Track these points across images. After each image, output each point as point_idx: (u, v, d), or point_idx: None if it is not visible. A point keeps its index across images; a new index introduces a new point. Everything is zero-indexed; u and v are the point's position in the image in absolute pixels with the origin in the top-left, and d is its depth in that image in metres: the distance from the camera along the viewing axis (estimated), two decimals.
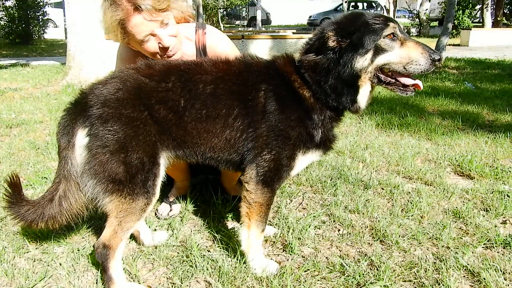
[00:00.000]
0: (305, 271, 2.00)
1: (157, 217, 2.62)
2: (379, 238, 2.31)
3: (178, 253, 2.18)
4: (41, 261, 2.10)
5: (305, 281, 1.93)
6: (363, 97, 1.84)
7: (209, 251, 2.20)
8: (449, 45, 14.94)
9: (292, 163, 1.89)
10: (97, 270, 2.00)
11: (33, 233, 2.30)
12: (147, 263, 2.12)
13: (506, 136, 4.10)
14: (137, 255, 2.16)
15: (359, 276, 1.95)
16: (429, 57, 1.71)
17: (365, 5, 28.38)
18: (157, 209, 2.67)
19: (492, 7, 22.85)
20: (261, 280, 1.93)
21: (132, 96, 1.76)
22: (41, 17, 18.72)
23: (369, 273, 1.98)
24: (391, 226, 2.42)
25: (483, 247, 2.22)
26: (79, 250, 2.19)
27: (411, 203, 2.72)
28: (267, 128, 1.82)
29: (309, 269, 2.02)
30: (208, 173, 2.95)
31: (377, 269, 2.01)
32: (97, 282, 1.93)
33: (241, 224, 2.02)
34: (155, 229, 2.45)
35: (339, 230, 2.43)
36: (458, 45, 17.15)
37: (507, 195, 2.82)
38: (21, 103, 5.90)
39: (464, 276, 1.98)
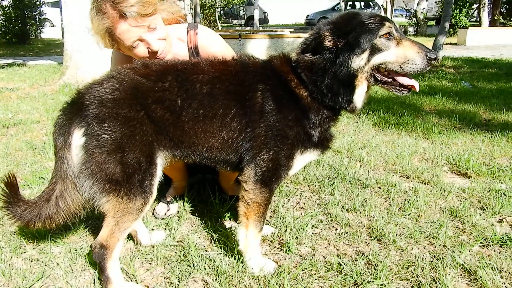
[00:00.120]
0: (302, 270, 2.01)
1: (154, 216, 2.62)
2: (376, 237, 2.32)
3: (175, 252, 2.18)
4: (38, 261, 2.10)
5: (303, 280, 1.93)
6: (359, 97, 1.85)
7: (206, 251, 2.20)
8: (446, 44, 14.97)
9: (290, 162, 1.90)
10: (94, 270, 2.00)
11: (30, 233, 2.30)
12: (145, 262, 2.12)
13: (502, 135, 4.11)
14: (134, 255, 2.16)
15: (357, 275, 1.95)
16: (425, 56, 1.71)
17: (363, 4, 28.42)
18: (154, 208, 2.67)
19: (489, 6, 22.94)
20: (258, 279, 1.93)
21: (128, 95, 1.76)
22: (38, 16, 18.68)
23: (366, 272, 1.99)
24: (388, 225, 2.43)
25: (479, 246, 2.23)
26: (76, 250, 2.18)
27: (408, 202, 2.72)
28: (265, 128, 1.82)
29: (306, 268, 2.03)
30: (205, 173, 2.95)
31: (374, 268, 2.01)
32: (94, 282, 1.93)
33: (238, 223, 2.02)
34: (153, 229, 2.45)
35: (336, 229, 2.44)
36: (455, 44, 17.19)
37: (504, 194, 2.83)
38: (18, 103, 5.87)
39: (460, 274, 1.99)
